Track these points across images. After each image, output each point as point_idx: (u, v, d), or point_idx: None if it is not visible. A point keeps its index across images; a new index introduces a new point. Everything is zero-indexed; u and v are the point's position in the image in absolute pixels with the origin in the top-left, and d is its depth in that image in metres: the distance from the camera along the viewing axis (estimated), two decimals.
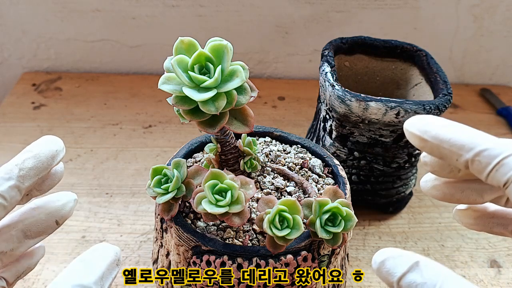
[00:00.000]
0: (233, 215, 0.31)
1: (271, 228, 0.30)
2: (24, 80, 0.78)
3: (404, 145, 0.49)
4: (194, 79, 0.29)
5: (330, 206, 0.31)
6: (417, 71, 0.54)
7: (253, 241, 0.34)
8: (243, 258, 0.32)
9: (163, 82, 0.30)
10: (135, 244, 0.51)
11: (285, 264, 0.32)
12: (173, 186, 0.32)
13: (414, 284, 0.21)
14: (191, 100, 0.29)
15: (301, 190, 0.38)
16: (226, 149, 0.36)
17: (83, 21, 0.75)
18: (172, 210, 0.33)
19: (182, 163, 0.34)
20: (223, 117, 0.30)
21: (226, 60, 0.29)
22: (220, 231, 0.34)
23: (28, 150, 0.27)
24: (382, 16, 0.76)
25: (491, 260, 0.52)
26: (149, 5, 0.74)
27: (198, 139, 0.42)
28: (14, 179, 0.26)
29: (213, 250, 0.32)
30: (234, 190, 0.30)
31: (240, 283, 0.32)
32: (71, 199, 0.30)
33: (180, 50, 0.30)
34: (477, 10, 0.76)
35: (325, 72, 0.49)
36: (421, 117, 0.24)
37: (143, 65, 0.81)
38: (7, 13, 0.74)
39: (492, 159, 0.22)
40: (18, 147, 0.64)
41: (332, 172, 0.40)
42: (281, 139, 0.44)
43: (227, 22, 0.76)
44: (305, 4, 0.74)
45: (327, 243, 0.31)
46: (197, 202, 0.31)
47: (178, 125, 0.70)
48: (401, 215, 0.57)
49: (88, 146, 0.65)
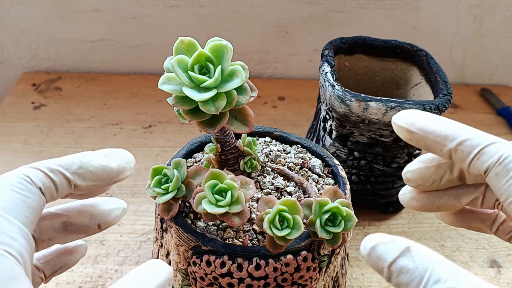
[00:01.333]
0: (233, 215, 0.31)
1: (271, 228, 0.30)
2: (24, 80, 0.78)
3: (404, 145, 0.49)
4: (194, 79, 0.28)
5: (330, 206, 0.31)
6: (417, 71, 0.54)
7: (253, 241, 0.34)
8: (243, 258, 0.32)
9: (163, 82, 0.30)
10: (135, 244, 0.51)
11: (285, 264, 0.32)
12: (173, 186, 0.32)
13: (406, 269, 0.21)
14: (191, 100, 0.29)
15: (301, 190, 0.38)
16: (226, 149, 0.35)
17: (83, 21, 0.75)
18: (172, 210, 0.33)
19: (182, 163, 0.34)
20: (223, 117, 0.30)
21: (226, 60, 0.29)
22: (220, 231, 0.34)
23: (100, 153, 0.27)
24: (382, 16, 0.76)
25: (491, 260, 0.52)
26: (149, 5, 0.74)
27: (198, 139, 0.42)
28: (70, 173, 0.25)
29: (213, 250, 0.32)
30: (234, 190, 0.30)
31: (240, 283, 0.32)
32: (120, 207, 0.29)
33: (180, 50, 0.30)
34: (477, 10, 0.76)
35: (325, 72, 0.49)
36: (408, 111, 0.26)
37: (143, 65, 0.81)
38: (7, 13, 0.74)
39: (473, 148, 0.23)
40: (18, 147, 0.64)
41: (332, 172, 0.40)
42: (281, 139, 0.44)
43: (227, 22, 0.76)
44: (305, 4, 0.74)
45: (327, 243, 0.31)
46: (197, 202, 0.31)
47: (178, 125, 0.70)
48: (401, 215, 0.57)
49: (88, 146, 0.65)
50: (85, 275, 0.47)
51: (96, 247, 0.50)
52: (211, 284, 0.33)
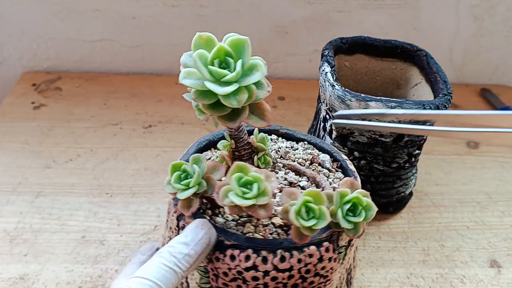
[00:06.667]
0: (259, 207, 0.31)
1: (298, 219, 0.30)
2: (24, 80, 0.78)
3: (404, 145, 0.49)
4: (215, 73, 0.29)
5: (351, 197, 0.32)
6: (417, 71, 0.54)
7: (273, 235, 0.34)
8: (268, 251, 0.32)
9: (184, 76, 0.29)
10: (135, 244, 0.51)
11: (309, 255, 0.32)
12: (194, 181, 0.32)
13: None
14: (212, 94, 0.29)
15: (313, 184, 0.39)
16: (240, 145, 0.36)
17: (83, 21, 0.76)
18: (192, 206, 0.33)
19: (202, 158, 0.34)
20: (244, 111, 0.31)
21: (247, 54, 0.29)
22: (239, 226, 0.34)
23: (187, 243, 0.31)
24: (382, 16, 0.76)
25: (491, 260, 0.52)
26: (149, 5, 0.74)
27: (205, 137, 0.42)
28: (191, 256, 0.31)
29: (237, 244, 0.32)
30: (261, 182, 0.30)
31: (265, 276, 0.32)
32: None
33: (199, 45, 0.30)
34: (477, 10, 0.76)
35: (325, 72, 0.49)
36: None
37: (143, 65, 0.81)
38: (7, 13, 0.74)
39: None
40: (18, 147, 0.64)
41: (341, 167, 0.41)
42: (287, 137, 0.44)
43: (227, 22, 0.76)
44: (305, 4, 0.74)
45: (349, 233, 0.32)
46: (223, 195, 0.31)
47: (178, 125, 0.70)
48: (401, 215, 0.57)
49: (88, 146, 0.65)
50: (85, 275, 0.47)
51: (96, 247, 0.50)
52: (235, 279, 0.33)
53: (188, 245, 0.30)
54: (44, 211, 0.54)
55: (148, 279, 0.28)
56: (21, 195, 0.56)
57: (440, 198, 0.60)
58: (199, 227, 0.32)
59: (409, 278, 0.49)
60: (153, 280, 0.28)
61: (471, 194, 0.61)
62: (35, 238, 0.51)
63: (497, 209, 0.59)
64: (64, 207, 0.55)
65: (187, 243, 0.30)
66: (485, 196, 0.61)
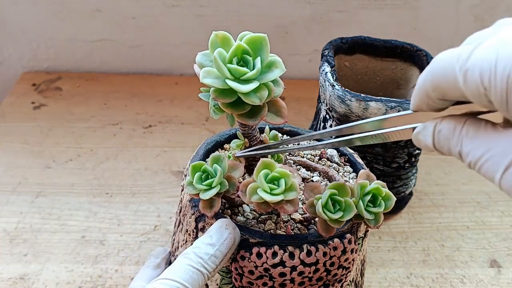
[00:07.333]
0: (286, 203, 0.31)
1: (325, 212, 0.31)
2: (24, 80, 0.78)
3: (404, 145, 0.49)
4: (235, 71, 0.28)
5: (371, 188, 0.33)
6: (417, 71, 0.54)
7: (295, 230, 0.34)
8: (294, 246, 0.32)
9: (204, 76, 0.29)
10: (135, 244, 0.51)
11: (334, 248, 0.32)
12: (217, 181, 0.32)
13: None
14: (232, 93, 0.29)
15: (326, 179, 0.39)
16: (253, 143, 0.36)
17: (83, 21, 0.75)
18: (215, 206, 0.33)
19: (222, 158, 0.33)
20: (263, 108, 0.31)
21: (266, 51, 0.29)
22: (260, 224, 0.34)
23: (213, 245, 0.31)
24: (382, 16, 0.76)
25: (491, 260, 0.52)
26: (149, 5, 0.74)
27: (213, 138, 0.42)
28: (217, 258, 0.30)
29: (262, 241, 0.32)
30: (288, 178, 0.30)
31: (293, 271, 0.32)
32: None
33: (216, 44, 0.30)
34: (477, 10, 0.76)
35: (325, 72, 0.49)
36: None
37: (143, 65, 0.81)
38: (7, 13, 0.74)
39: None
40: (18, 147, 0.64)
41: (349, 161, 0.41)
42: (291, 134, 0.44)
43: (227, 22, 0.76)
44: (305, 4, 0.74)
45: (369, 223, 0.32)
46: (251, 192, 0.31)
47: (178, 125, 0.70)
48: (401, 215, 0.57)
49: (88, 146, 0.65)
50: (85, 275, 0.47)
51: (96, 247, 0.50)
52: (261, 276, 0.33)
53: (213, 246, 0.30)
54: (44, 211, 0.54)
55: (176, 281, 0.28)
56: (21, 195, 0.56)
57: (440, 198, 0.60)
58: (223, 227, 0.31)
59: (409, 278, 0.49)
60: (180, 281, 0.28)
61: (471, 194, 0.61)
62: (35, 238, 0.51)
63: (497, 209, 0.59)
64: (64, 207, 0.55)
65: (213, 244, 0.30)
66: (485, 196, 0.61)
